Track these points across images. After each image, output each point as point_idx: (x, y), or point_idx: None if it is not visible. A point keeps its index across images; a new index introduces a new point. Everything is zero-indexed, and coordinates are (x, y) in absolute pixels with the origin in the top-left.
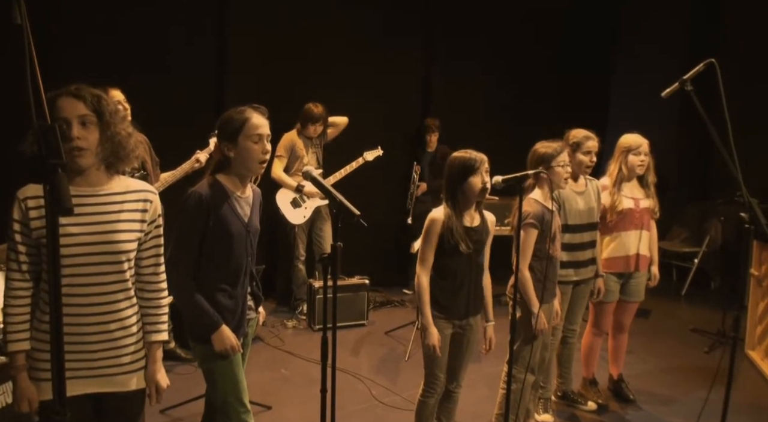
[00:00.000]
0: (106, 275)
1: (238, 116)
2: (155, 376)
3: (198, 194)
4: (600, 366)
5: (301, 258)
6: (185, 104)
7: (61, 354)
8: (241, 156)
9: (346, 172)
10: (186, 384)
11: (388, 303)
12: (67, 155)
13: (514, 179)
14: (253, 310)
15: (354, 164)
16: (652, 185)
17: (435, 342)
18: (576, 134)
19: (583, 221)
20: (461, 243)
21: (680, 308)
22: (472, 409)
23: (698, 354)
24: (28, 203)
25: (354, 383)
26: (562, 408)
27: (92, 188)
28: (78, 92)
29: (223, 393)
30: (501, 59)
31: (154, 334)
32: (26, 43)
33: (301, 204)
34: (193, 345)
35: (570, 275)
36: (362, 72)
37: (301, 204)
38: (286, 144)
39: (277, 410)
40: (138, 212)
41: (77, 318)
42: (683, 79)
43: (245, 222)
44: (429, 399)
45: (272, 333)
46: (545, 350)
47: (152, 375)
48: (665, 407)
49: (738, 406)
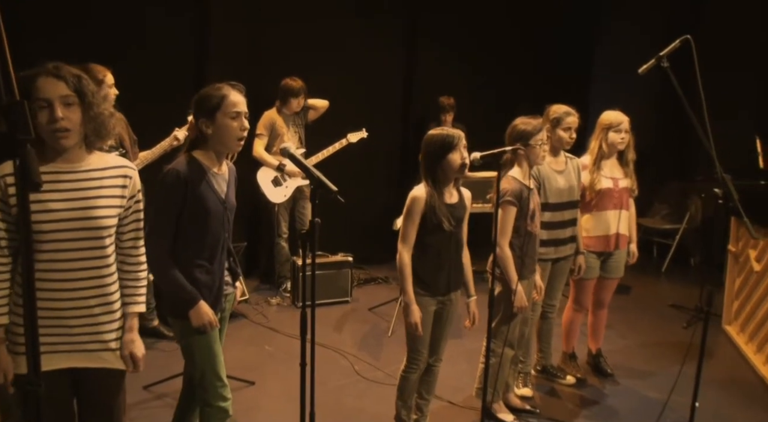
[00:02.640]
0: (87, 250)
1: (216, 92)
2: (130, 345)
3: (175, 171)
4: (579, 341)
5: (284, 236)
6: (164, 82)
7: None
8: (218, 133)
9: (329, 152)
10: (168, 361)
11: (371, 280)
12: (51, 136)
13: (492, 155)
14: (231, 285)
15: (337, 144)
16: (631, 163)
17: (417, 319)
18: (556, 110)
19: (563, 199)
20: (444, 221)
21: (660, 284)
22: (453, 384)
23: (676, 329)
24: (6, 180)
25: (337, 358)
26: (542, 382)
27: (71, 165)
28: (58, 72)
29: (201, 367)
30: (481, 37)
31: (132, 305)
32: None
33: (282, 183)
34: (172, 320)
35: (549, 253)
36: (344, 51)
37: (282, 183)
38: (266, 122)
39: (260, 385)
40: (118, 187)
41: (57, 293)
42: (660, 56)
43: (222, 198)
44: (411, 375)
45: (256, 310)
46: (524, 325)
47: (127, 344)
48: (642, 381)
49: (712, 380)
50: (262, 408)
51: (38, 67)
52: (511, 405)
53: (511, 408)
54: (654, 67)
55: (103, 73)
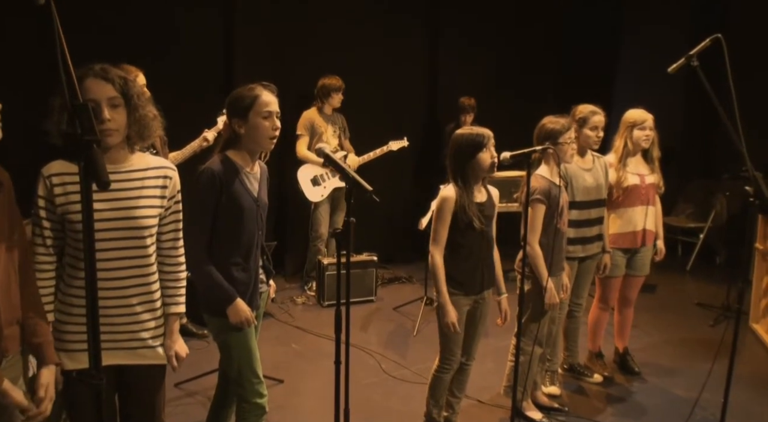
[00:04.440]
0: (129, 249)
1: (249, 93)
2: (173, 346)
3: (210, 170)
4: (606, 340)
5: (322, 238)
6: (193, 84)
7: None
8: (251, 133)
9: (369, 158)
10: (198, 359)
11: (395, 280)
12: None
13: (522, 154)
14: (265, 283)
15: (378, 151)
16: (656, 160)
17: (453, 319)
18: (582, 110)
19: (590, 198)
20: (475, 220)
21: (685, 282)
22: (480, 383)
23: (703, 327)
24: (52, 180)
25: (364, 357)
26: (569, 380)
27: (114, 165)
28: (105, 74)
29: (238, 364)
30: (505, 36)
31: (173, 306)
32: (55, 24)
33: (320, 183)
34: (208, 318)
35: (577, 251)
36: (367, 51)
37: (320, 183)
38: (305, 122)
39: (289, 383)
40: (158, 188)
41: (101, 291)
42: (689, 55)
43: (255, 197)
44: (445, 375)
45: (282, 309)
46: (552, 323)
47: (170, 346)
48: (669, 379)
49: (741, 378)
50: (292, 406)
51: (85, 68)
52: (539, 403)
53: (539, 407)
54: (683, 66)
55: (135, 73)
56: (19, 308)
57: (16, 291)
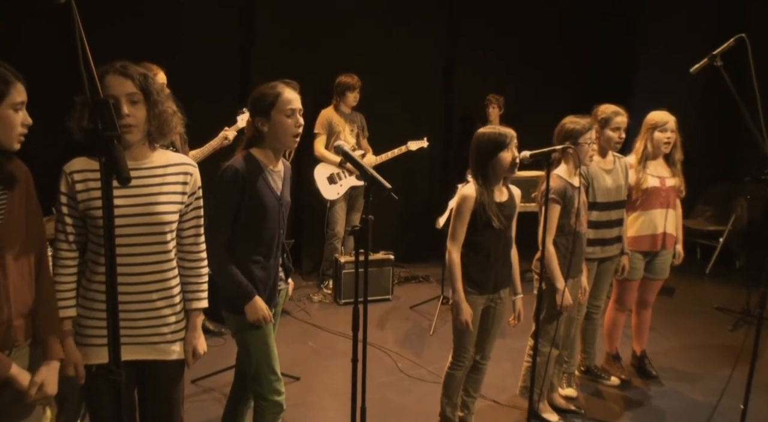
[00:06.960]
0: (150, 245)
1: (271, 90)
2: (194, 342)
3: (234, 168)
4: (623, 343)
5: (339, 236)
6: (210, 83)
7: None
8: (274, 130)
9: (387, 157)
10: (214, 356)
11: (412, 278)
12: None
13: (542, 154)
14: (283, 281)
15: (396, 150)
16: (678, 163)
17: (468, 317)
18: (604, 110)
19: (611, 199)
20: (494, 219)
21: (704, 286)
22: (497, 383)
23: (722, 332)
24: (74, 176)
25: (381, 356)
26: (586, 383)
27: (135, 162)
28: (125, 70)
29: (256, 361)
30: (522, 36)
31: (195, 302)
32: (75, 21)
33: (337, 181)
34: (227, 315)
35: (596, 252)
36: (386, 52)
37: (337, 181)
38: (322, 121)
39: (306, 380)
40: (179, 184)
41: (121, 287)
42: (713, 55)
43: (278, 195)
44: (457, 372)
45: (298, 306)
46: (570, 325)
47: (191, 341)
48: (687, 383)
49: (761, 383)
50: (309, 404)
51: (106, 65)
52: (556, 405)
53: (556, 408)
54: (706, 66)
55: (155, 71)
56: (32, 301)
57: (30, 284)
